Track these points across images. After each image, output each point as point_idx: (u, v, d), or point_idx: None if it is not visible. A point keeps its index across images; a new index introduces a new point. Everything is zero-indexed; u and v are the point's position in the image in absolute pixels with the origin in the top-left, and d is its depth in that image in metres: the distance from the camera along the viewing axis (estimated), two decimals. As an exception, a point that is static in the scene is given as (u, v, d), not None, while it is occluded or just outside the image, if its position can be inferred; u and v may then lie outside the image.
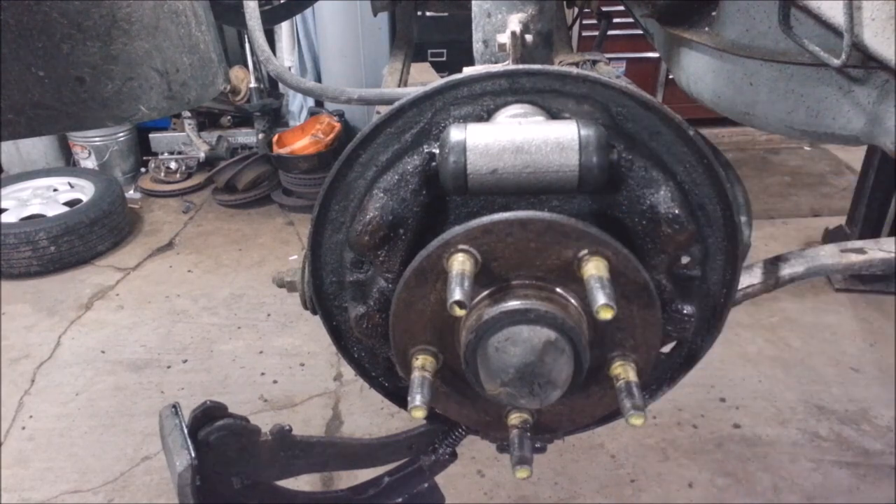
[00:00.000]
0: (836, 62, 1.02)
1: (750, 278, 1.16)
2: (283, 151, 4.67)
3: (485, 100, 0.90)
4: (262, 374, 3.27)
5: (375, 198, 0.90)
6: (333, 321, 1.04)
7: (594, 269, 0.78)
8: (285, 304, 3.69)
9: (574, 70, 0.89)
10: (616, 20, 2.14)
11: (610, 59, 2.35)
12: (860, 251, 1.19)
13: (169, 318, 3.70)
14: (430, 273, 0.83)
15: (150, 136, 5.29)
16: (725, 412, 2.98)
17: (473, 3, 1.23)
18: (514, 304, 0.80)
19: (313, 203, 0.96)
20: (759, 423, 2.92)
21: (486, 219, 0.80)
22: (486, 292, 0.83)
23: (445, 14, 3.98)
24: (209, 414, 1.19)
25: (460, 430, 1.25)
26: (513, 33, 1.05)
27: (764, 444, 2.82)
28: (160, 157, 5.22)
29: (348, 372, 3.10)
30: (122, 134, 5.15)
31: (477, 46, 1.26)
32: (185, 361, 3.36)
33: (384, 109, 0.91)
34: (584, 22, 4.68)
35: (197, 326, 3.62)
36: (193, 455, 1.13)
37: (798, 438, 2.84)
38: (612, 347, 0.87)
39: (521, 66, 0.88)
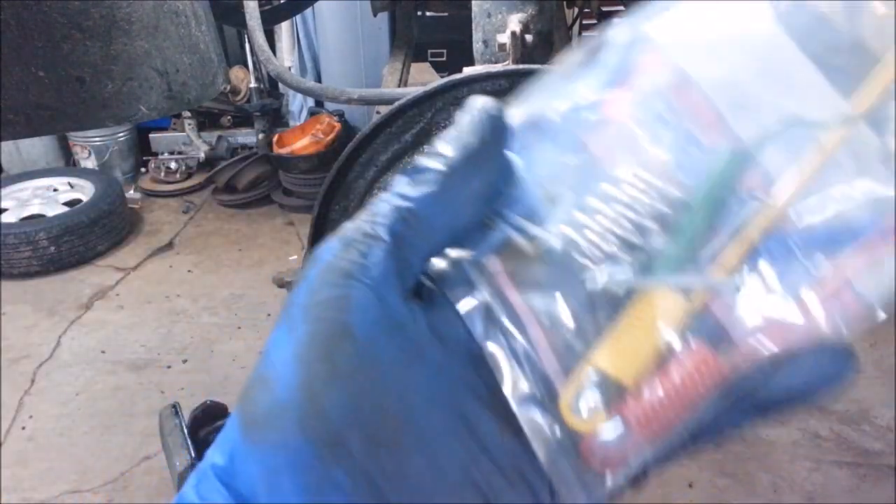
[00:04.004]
0: (836, 62, 1.02)
1: (750, 278, 1.16)
2: (283, 151, 4.67)
3: (485, 100, 0.90)
4: (262, 374, 3.27)
5: (375, 198, 0.89)
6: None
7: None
8: (285, 305, 3.69)
9: (574, 70, 0.88)
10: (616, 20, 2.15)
11: (610, 59, 2.35)
12: (860, 251, 1.19)
13: (169, 318, 3.70)
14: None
15: (150, 136, 5.29)
16: (725, 412, 2.99)
17: (473, 3, 1.23)
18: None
19: (313, 203, 0.96)
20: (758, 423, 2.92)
21: (486, 219, 0.80)
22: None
23: (445, 14, 3.97)
24: (209, 414, 1.19)
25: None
26: (513, 33, 1.05)
27: (764, 444, 2.82)
28: (160, 157, 5.22)
29: (348, 372, 3.10)
30: (122, 134, 5.15)
31: (477, 46, 1.26)
32: (185, 361, 3.36)
33: (384, 109, 0.91)
34: (584, 22, 4.68)
35: (197, 326, 3.63)
36: (193, 455, 1.13)
37: (798, 438, 2.85)
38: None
39: (521, 66, 0.88)
